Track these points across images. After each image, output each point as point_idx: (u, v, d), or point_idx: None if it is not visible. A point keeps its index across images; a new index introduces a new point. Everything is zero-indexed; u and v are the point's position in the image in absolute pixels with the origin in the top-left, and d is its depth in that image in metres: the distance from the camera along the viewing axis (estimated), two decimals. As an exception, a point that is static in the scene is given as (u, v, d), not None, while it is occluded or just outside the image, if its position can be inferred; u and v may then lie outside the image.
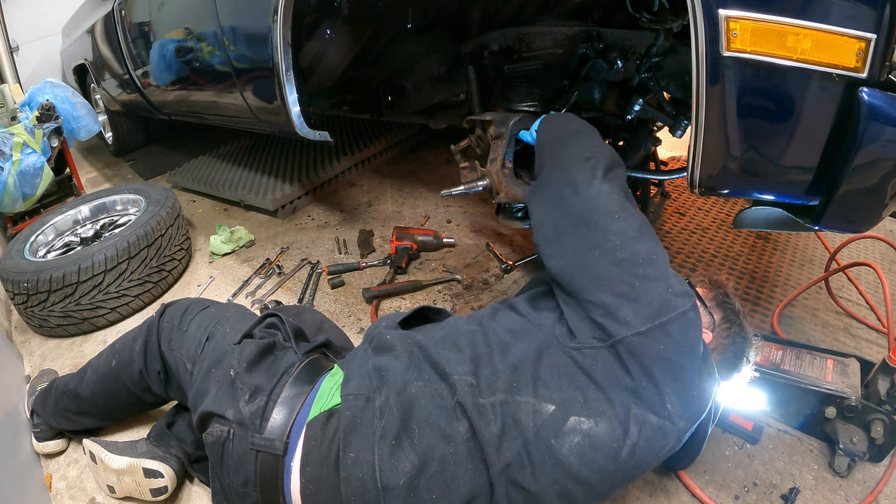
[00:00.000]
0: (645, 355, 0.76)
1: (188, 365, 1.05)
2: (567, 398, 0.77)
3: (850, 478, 1.16)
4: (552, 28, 1.40)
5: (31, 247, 1.93)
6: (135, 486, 1.14)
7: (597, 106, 1.49)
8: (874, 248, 2.03)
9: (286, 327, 1.06)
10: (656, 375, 0.75)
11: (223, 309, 1.15)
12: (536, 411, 0.77)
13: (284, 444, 0.85)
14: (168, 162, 3.52)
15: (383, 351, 0.92)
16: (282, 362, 0.96)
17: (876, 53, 0.80)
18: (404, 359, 0.88)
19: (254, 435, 0.86)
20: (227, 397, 0.92)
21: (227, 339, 1.02)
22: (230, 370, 0.95)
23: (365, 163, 2.98)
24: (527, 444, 0.76)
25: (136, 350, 1.13)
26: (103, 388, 1.20)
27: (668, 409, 0.75)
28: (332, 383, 0.91)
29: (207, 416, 0.93)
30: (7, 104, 2.52)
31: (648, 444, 0.76)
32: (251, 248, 2.27)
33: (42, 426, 1.32)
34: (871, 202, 0.91)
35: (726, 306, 0.98)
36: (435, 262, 2.02)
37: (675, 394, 0.76)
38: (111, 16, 2.68)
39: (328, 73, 1.86)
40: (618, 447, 0.75)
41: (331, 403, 0.87)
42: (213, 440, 0.91)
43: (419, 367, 0.86)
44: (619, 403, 0.76)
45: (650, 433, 0.75)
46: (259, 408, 0.88)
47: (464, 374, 0.83)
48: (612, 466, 0.76)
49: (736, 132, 0.91)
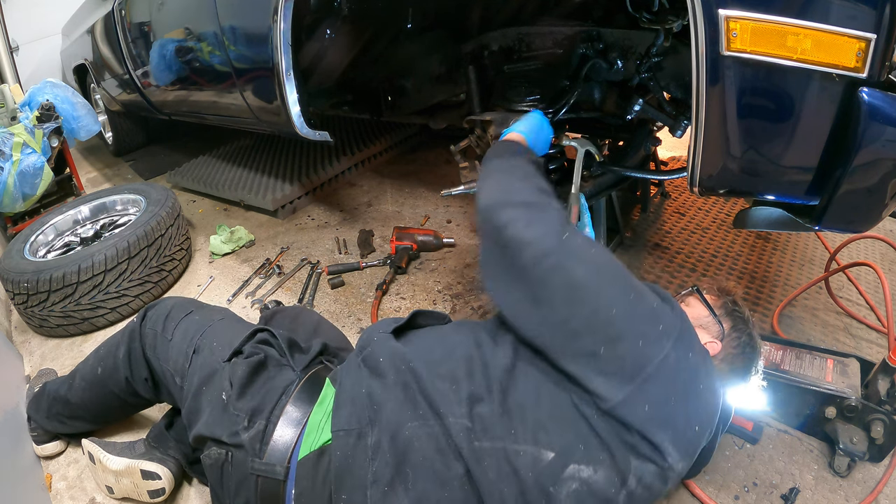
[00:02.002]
0: (634, 421, 0.73)
1: (177, 378, 1.03)
2: (567, 445, 0.75)
3: (850, 478, 1.16)
4: (552, 28, 1.40)
5: (31, 247, 1.93)
6: (133, 488, 1.14)
7: (597, 106, 1.49)
8: (874, 248, 2.02)
9: (279, 342, 1.02)
10: (649, 433, 0.73)
11: (208, 316, 1.12)
12: (535, 459, 0.75)
13: (286, 468, 0.83)
14: (168, 162, 3.52)
15: (376, 374, 0.86)
16: (278, 381, 0.93)
17: (876, 53, 0.80)
18: (398, 394, 0.82)
19: (254, 459, 0.84)
20: (222, 422, 0.89)
21: (215, 356, 0.99)
22: (222, 393, 0.91)
23: (365, 163, 2.98)
24: (524, 492, 0.74)
25: (120, 357, 1.12)
26: (92, 394, 1.20)
27: (668, 461, 0.74)
28: (321, 413, 0.87)
29: (203, 439, 0.92)
30: (7, 104, 2.52)
31: (647, 491, 0.75)
32: (251, 248, 2.27)
33: (38, 430, 1.32)
34: (871, 202, 0.91)
35: (735, 315, 0.95)
36: (435, 262, 2.02)
37: (672, 444, 0.73)
38: (111, 16, 2.68)
39: (328, 73, 1.86)
40: (615, 493, 0.73)
41: (321, 440, 0.83)
42: (210, 462, 0.89)
43: (414, 403, 0.81)
44: (619, 454, 0.74)
45: (649, 481, 0.74)
46: (259, 432, 0.86)
47: (459, 415, 0.78)
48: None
49: (736, 132, 0.91)
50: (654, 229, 2.14)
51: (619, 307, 0.75)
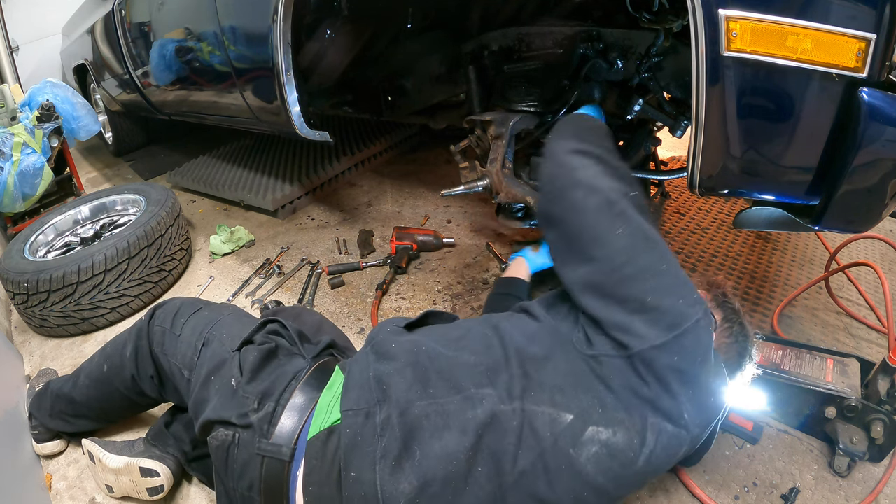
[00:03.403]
0: (661, 367, 0.76)
1: (185, 372, 1.03)
2: (585, 407, 0.77)
3: (850, 478, 1.16)
4: (552, 28, 1.40)
5: (31, 247, 1.93)
6: (132, 486, 1.14)
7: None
8: (874, 248, 2.02)
9: (290, 333, 1.04)
10: (672, 386, 0.76)
11: (217, 311, 1.13)
12: (554, 420, 0.77)
13: (291, 450, 0.84)
14: (168, 162, 3.52)
15: (385, 359, 0.88)
16: (289, 367, 0.95)
17: (876, 53, 0.80)
18: (408, 374, 0.84)
19: (261, 440, 0.85)
20: (231, 405, 0.90)
21: (224, 346, 1.00)
22: (231, 380, 0.93)
23: (365, 163, 2.98)
24: (544, 453, 0.75)
25: (127, 355, 1.12)
26: (97, 392, 1.20)
27: (685, 418, 0.76)
28: (330, 396, 0.89)
29: (210, 424, 0.92)
30: (7, 104, 2.52)
31: (664, 451, 0.77)
32: (251, 248, 2.27)
33: (40, 428, 1.32)
34: (871, 202, 0.91)
35: (726, 306, 0.99)
36: (435, 262, 2.02)
37: (690, 402, 0.76)
38: (111, 16, 2.68)
39: (328, 73, 1.86)
40: (635, 455, 0.75)
41: (330, 420, 0.85)
42: (217, 444, 0.90)
43: (425, 382, 0.83)
44: (636, 413, 0.76)
45: (666, 441, 0.76)
46: (268, 413, 0.87)
47: (480, 385, 0.81)
48: (628, 473, 0.76)
49: (736, 132, 0.91)
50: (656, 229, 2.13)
51: (668, 265, 0.82)
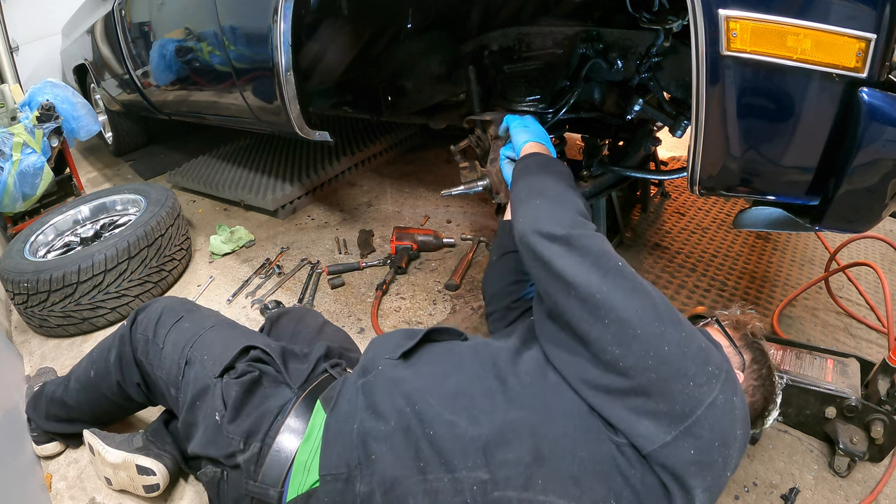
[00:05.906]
0: (676, 464, 0.68)
1: (171, 389, 1.02)
2: (597, 500, 0.69)
3: (850, 478, 1.16)
4: (552, 28, 1.40)
5: (31, 247, 1.93)
6: (129, 481, 1.16)
7: (597, 106, 1.49)
8: (874, 248, 2.02)
9: (275, 361, 1.00)
10: (688, 481, 0.68)
11: (198, 323, 1.09)
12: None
13: (279, 493, 0.83)
14: (168, 162, 3.52)
15: (374, 414, 0.80)
16: (273, 401, 0.92)
17: (876, 53, 0.80)
18: (398, 444, 0.76)
19: (248, 482, 0.85)
20: (217, 442, 0.89)
21: (206, 370, 0.97)
22: (215, 413, 0.91)
23: (365, 163, 2.98)
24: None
25: (112, 362, 1.11)
26: (87, 397, 1.20)
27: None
28: (307, 450, 0.84)
29: (198, 458, 0.92)
30: (7, 104, 2.53)
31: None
32: (251, 248, 2.27)
33: (37, 430, 1.32)
34: (871, 202, 0.91)
35: (755, 347, 0.91)
36: (435, 262, 2.02)
37: (704, 490, 0.69)
38: (111, 16, 2.68)
39: (328, 73, 1.86)
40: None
41: (308, 483, 0.80)
42: (207, 480, 0.91)
43: (415, 452, 0.74)
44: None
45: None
46: (254, 454, 0.86)
47: (474, 466, 0.71)
48: None
49: (736, 132, 0.91)
50: (654, 229, 2.14)
51: (671, 345, 0.70)
